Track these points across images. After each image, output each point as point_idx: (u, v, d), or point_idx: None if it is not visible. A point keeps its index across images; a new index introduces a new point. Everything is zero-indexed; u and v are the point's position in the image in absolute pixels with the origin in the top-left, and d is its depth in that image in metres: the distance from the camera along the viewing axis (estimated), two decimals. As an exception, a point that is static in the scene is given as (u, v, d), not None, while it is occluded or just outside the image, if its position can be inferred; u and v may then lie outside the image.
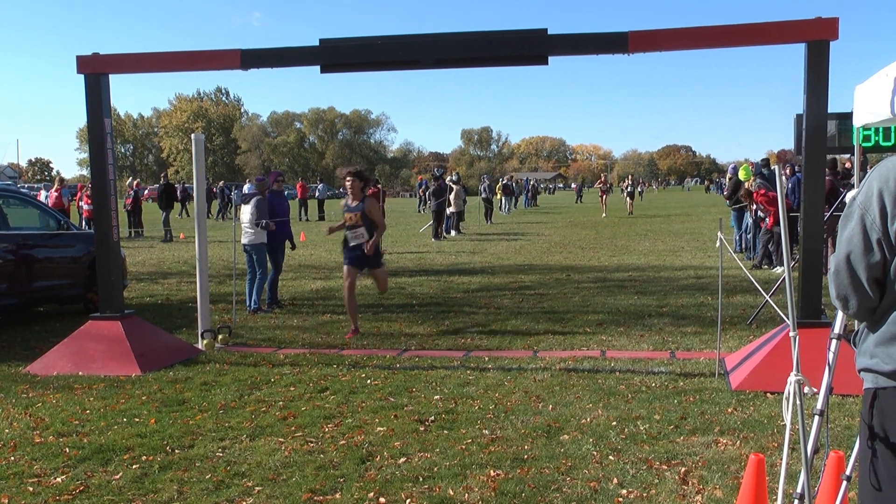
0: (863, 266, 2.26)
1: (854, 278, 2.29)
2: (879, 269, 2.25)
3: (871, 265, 2.25)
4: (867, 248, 2.24)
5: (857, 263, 2.27)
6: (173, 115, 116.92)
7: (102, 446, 5.21)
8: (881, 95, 5.49)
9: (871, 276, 2.27)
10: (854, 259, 2.28)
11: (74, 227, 11.40)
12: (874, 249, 2.23)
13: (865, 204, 2.25)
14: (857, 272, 2.28)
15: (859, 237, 2.26)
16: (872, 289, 2.28)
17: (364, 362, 7.59)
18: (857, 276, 2.28)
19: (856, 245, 2.27)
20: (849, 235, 2.29)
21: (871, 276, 2.26)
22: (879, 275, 2.27)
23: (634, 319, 9.56)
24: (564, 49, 7.08)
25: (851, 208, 2.30)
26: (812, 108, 6.44)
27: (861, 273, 2.27)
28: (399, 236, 24.93)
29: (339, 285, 13.18)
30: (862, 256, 2.26)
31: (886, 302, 2.27)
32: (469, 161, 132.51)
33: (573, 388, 6.49)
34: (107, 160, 7.81)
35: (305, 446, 5.18)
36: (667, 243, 20.50)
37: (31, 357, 7.89)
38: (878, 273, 2.26)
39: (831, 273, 2.37)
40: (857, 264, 2.27)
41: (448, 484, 4.48)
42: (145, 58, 7.87)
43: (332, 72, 7.56)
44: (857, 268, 2.27)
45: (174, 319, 10.14)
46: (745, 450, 4.92)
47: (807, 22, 6.38)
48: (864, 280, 2.28)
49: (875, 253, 2.24)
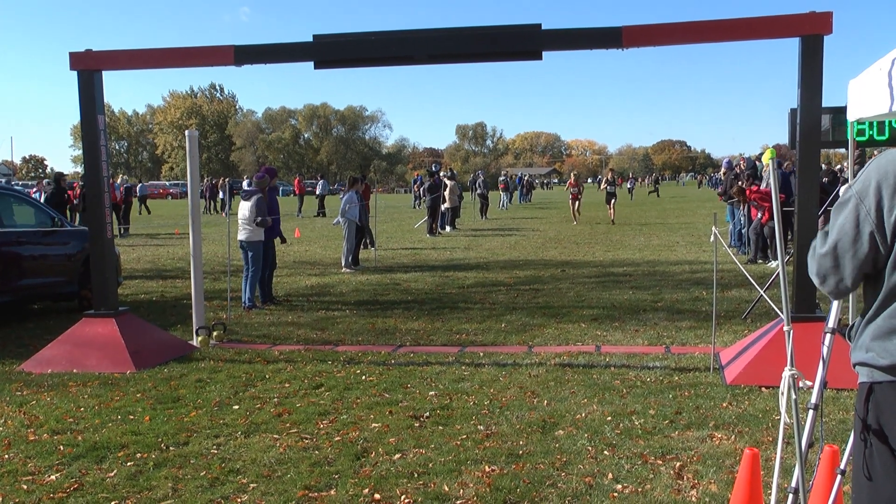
0: (849, 255, 2.28)
1: (837, 265, 2.31)
2: (868, 261, 2.26)
3: (857, 256, 2.26)
4: (857, 238, 2.25)
5: (843, 252, 2.29)
6: (167, 111, 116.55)
7: (97, 444, 5.20)
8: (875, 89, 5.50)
9: (856, 266, 2.28)
10: (841, 247, 2.29)
11: (69, 223, 11.37)
12: (864, 241, 2.24)
13: (862, 194, 2.25)
14: (843, 260, 2.30)
15: (851, 226, 2.26)
16: (854, 278, 2.30)
17: (359, 358, 7.59)
18: (841, 263, 2.30)
19: (846, 234, 2.27)
20: (841, 223, 2.29)
21: (856, 265, 2.28)
22: (868, 267, 2.28)
23: (629, 314, 9.57)
24: (558, 44, 7.08)
25: (847, 196, 2.29)
26: (806, 103, 6.44)
27: (846, 262, 2.29)
28: (394, 232, 24.92)
29: (333, 281, 13.18)
30: (850, 245, 2.27)
31: (882, 295, 2.27)
32: (464, 157, 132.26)
33: (568, 383, 6.50)
34: (101, 157, 7.78)
35: (300, 443, 5.18)
36: (661, 238, 20.52)
37: (25, 355, 7.86)
38: (865, 265, 2.28)
39: (817, 253, 2.38)
40: (843, 253, 2.29)
41: (443, 480, 4.48)
42: (138, 54, 7.84)
43: (326, 68, 7.54)
44: (843, 256, 2.29)
45: (169, 316, 10.12)
46: (739, 444, 4.93)
47: (800, 16, 6.38)
48: (847, 268, 2.30)
49: (864, 244, 2.24)
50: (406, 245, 20.33)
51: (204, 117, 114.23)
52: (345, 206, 14.82)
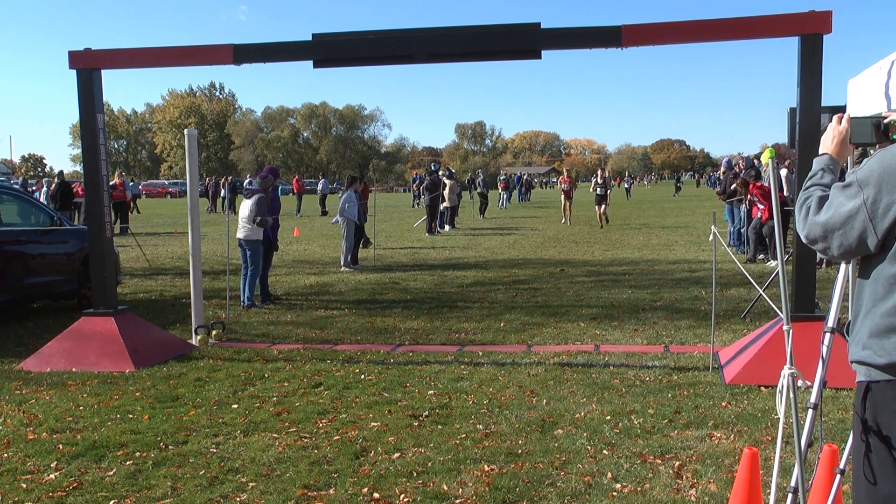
0: (838, 234, 2.31)
1: (826, 237, 2.36)
2: (854, 247, 2.29)
3: (846, 237, 2.30)
4: (848, 222, 2.28)
5: (833, 229, 2.32)
6: (166, 110, 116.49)
7: (96, 443, 5.20)
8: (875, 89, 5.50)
9: (841, 244, 2.32)
10: (832, 225, 2.32)
11: (68, 222, 11.36)
12: (855, 227, 2.27)
13: (863, 182, 2.26)
14: (832, 236, 2.33)
15: (846, 209, 2.29)
16: (840, 253, 2.35)
17: (358, 357, 7.59)
18: (829, 237, 2.34)
19: (840, 215, 2.30)
20: (838, 203, 2.32)
21: (842, 243, 2.31)
22: (853, 251, 2.31)
23: (628, 314, 9.57)
24: (557, 43, 7.07)
25: (849, 181, 2.30)
26: (805, 102, 6.43)
27: (834, 238, 2.33)
28: (393, 231, 24.92)
29: (332, 280, 13.18)
30: (840, 226, 2.30)
31: (879, 291, 2.27)
32: (463, 156, 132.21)
33: (567, 382, 6.50)
34: (100, 156, 7.77)
35: (299, 442, 5.18)
36: (660, 237, 20.53)
37: (24, 353, 7.86)
38: (851, 250, 2.31)
39: (811, 218, 2.41)
40: (833, 230, 2.33)
41: (442, 479, 4.48)
42: (138, 53, 7.83)
43: (326, 66, 7.53)
44: (833, 233, 2.33)
45: (168, 315, 10.11)
46: (738, 443, 4.93)
47: (800, 15, 6.38)
48: (834, 244, 2.34)
49: (854, 230, 2.27)
50: (405, 244, 20.32)
51: (203, 116, 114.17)
52: (344, 205, 14.82)
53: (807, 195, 2.47)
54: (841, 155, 2.64)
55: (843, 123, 2.66)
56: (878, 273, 2.28)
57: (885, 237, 2.22)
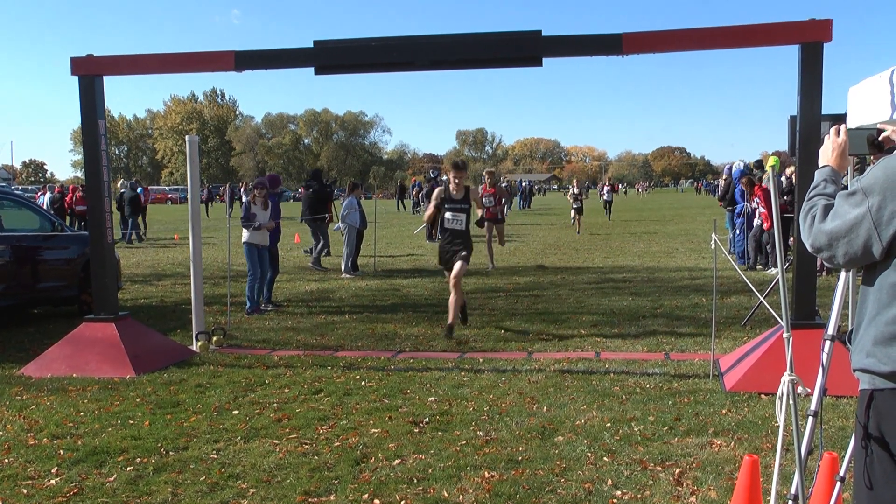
0: (843, 242, 2.31)
1: (831, 246, 2.36)
2: (859, 254, 2.29)
3: (851, 245, 2.30)
4: (853, 230, 2.28)
5: (838, 238, 2.33)
6: (168, 116, 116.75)
7: (96, 448, 5.19)
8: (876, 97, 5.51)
9: (847, 252, 2.32)
10: (837, 233, 2.32)
11: (69, 228, 11.37)
12: (860, 235, 2.27)
13: (867, 190, 2.26)
14: (837, 244, 2.33)
15: (850, 218, 2.29)
16: (845, 261, 2.35)
17: (358, 364, 7.59)
18: (834, 245, 2.34)
19: (845, 223, 2.30)
20: (843, 212, 2.32)
21: (848, 251, 2.31)
22: (858, 258, 2.31)
23: (629, 321, 9.57)
24: (558, 50, 7.09)
25: (855, 189, 2.31)
26: (806, 110, 6.45)
27: (839, 246, 2.33)
28: (393, 238, 24.92)
29: (333, 287, 13.18)
30: (845, 234, 2.30)
31: (883, 298, 2.28)
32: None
33: (567, 389, 6.50)
34: (101, 162, 7.78)
35: (300, 448, 5.17)
36: (661, 245, 20.53)
37: (25, 359, 7.86)
38: (857, 258, 2.31)
39: (815, 226, 2.41)
40: (838, 239, 2.33)
41: (442, 485, 4.48)
42: (140, 60, 7.85)
43: (327, 73, 7.56)
44: (838, 241, 2.33)
45: (168, 321, 10.12)
46: (739, 451, 4.93)
47: (800, 24, 6.40)
48: (839, 252, 2.34)
49: (859, 238, 2.27)
50: (405, 251, 20.33)
51: (204, 122, 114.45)
52: (345, 211, 14.83)
53: (811, 204, 2.47)
54: (841, 166, 2.65)
55: (840, 136, 2.67)
56: (882, 281, 2.28)
57: (889, 245, 2.23)
